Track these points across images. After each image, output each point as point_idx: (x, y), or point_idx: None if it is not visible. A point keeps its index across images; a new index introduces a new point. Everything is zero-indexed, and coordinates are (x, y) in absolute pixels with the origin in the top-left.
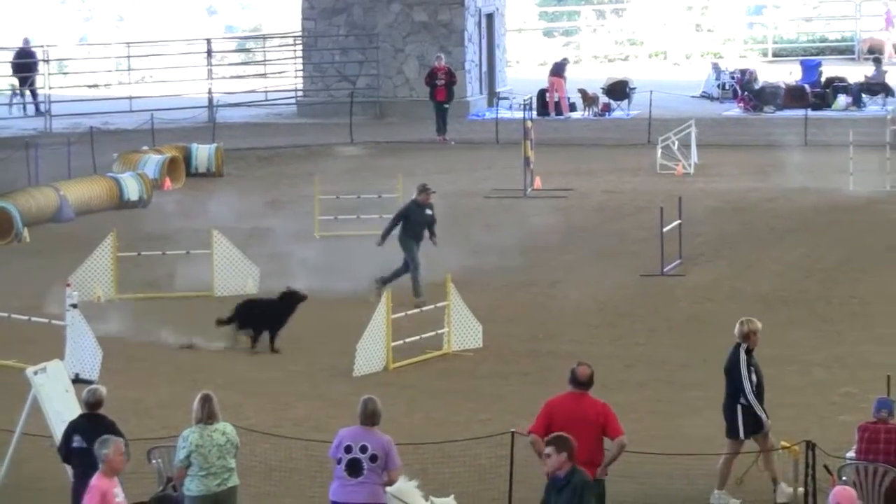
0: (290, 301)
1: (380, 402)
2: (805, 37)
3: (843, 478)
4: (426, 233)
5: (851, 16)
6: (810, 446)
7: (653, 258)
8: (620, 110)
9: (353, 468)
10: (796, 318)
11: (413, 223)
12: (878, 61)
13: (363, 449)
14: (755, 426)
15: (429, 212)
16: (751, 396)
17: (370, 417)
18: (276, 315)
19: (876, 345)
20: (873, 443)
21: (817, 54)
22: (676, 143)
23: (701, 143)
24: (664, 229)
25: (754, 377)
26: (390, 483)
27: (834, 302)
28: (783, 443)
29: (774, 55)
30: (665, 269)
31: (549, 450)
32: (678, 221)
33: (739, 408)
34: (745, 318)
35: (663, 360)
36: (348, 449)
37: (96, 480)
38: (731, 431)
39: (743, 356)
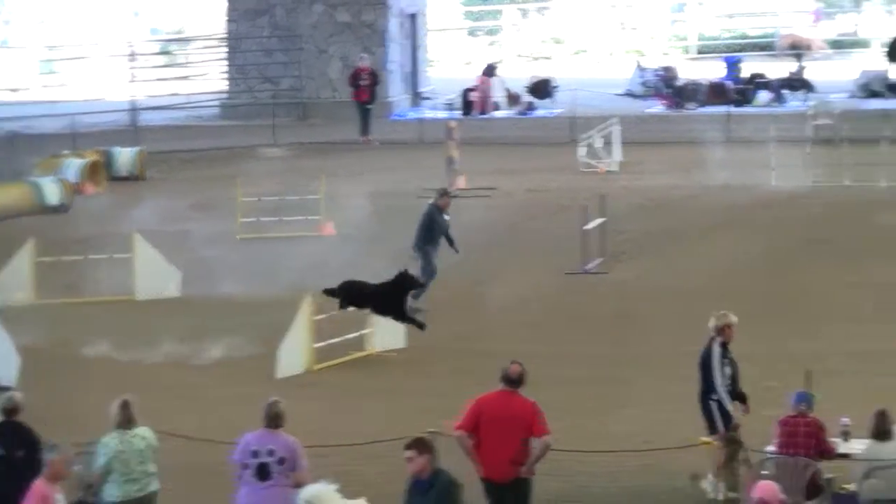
0: (402, 283)
1: (283, 404)
2: (727, 34)
3: (765, 472)
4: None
5: (773, 12)
6: (731, 442)
7: (577, 256)
8: (544, 109)
9: (262, 472)
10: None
11: (436, 230)
12: (799, 57)
13: (270, 452)
14: (730, 419)
15: (447, 217)
16: (720, 390)
17: (274, 420)
18: (384, 295)
19: (797, 339)
20: (792, 436)
21: (739, 51)
22: (600, 140)
23: (624, 141)
24: (587, 227)
25: (728, 370)
26: (297, 485)
27: (757, 297)
28: (703, 438)
29: (698, 52)
30: (589, 267)
31: (410, 453)
32: (602, 219)
33: (713, 404)
34: (720, 311)
35: (587, 357)
36: (255, 454)
37: (38, 484)
38: (712, 428)
39: (717, 349)
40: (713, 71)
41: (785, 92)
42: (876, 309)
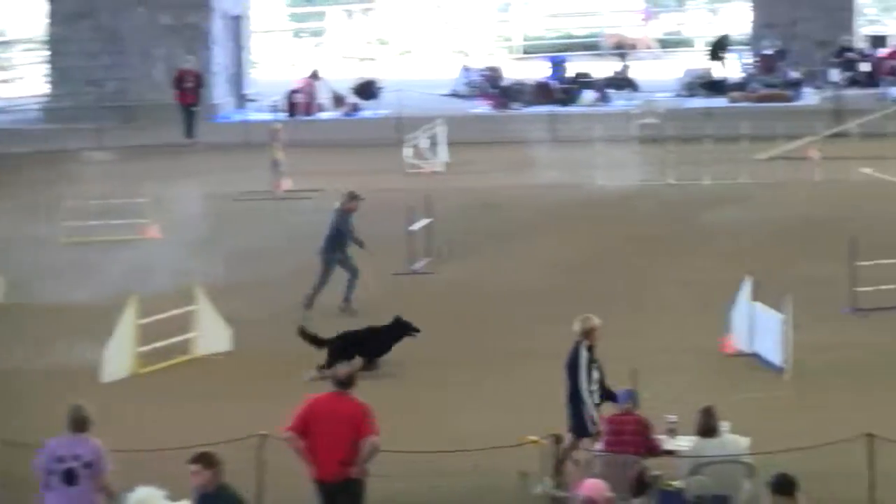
0: (399, 330)
1: (88, 408)
2: (552, 33)
3: (593, 469)
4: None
5: (598, 12)
6: (558, 439)
7: (403, 257)
8: (369, 110)
9: (69, 478)
10: (546, 312)
11: (346, 233)
12: (623, 56)
13: (76, 457)
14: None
15: (353, 220)
16: (584, 395)
17: (79, 424)
18: (377, 338)
19: (623, 337)
20: (619, 434)
21: (564, 51)
22: (426, 141)
23: (450, 142)
24: (414, 228)
25: (595, 374)
26: (101, 489)
27: (582, 296)
28: (530, 437)
29: (523, 52)
30: (416, 268)
31: (195, 467)
32: (428, 220)
33: (583, 406)
34: (584, 315)
35: (416, 357)
36: (61, 459)
37: None
38: (579, 429)
39: (584, 353)
40: (538, 71)
41: (610, 91)
42: (701, 306)
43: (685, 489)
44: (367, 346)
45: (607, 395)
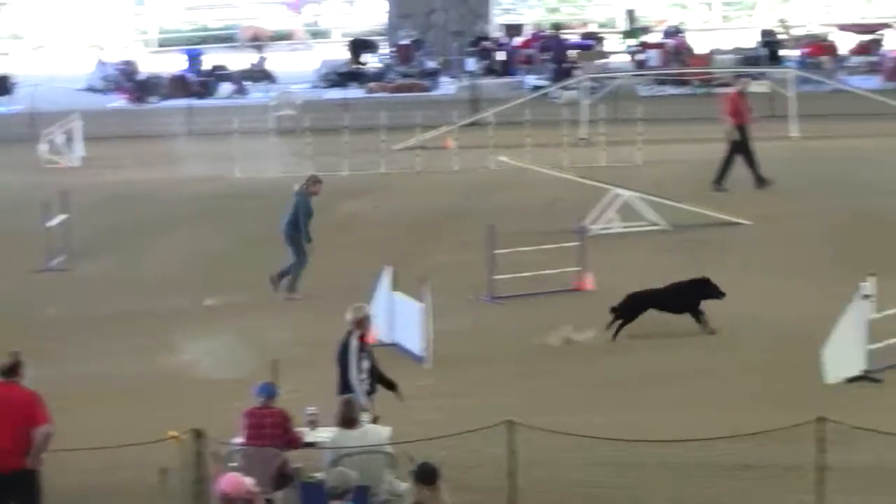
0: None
1: None
2: (188, 26)
3: (233, 464)
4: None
5: (234, 4)
6: (198, 434)
7: (39, 254)
8: (3, 106)
9: None
10: (182, 305)
11: (306, 216)
12: (259, 48)
13: None
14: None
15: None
16: (354, 382)
17: None
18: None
19: (257, 330)
20: (259, 427)
21: (201, 43)
22: (62, 136)
23: (87, 136)
24: (49, 224)
25: (366, 363)
26: None
27: (222, 287)
28: (170, 432)
29: (159, 45)
30: (51, 265)
31: None
32: (64, 216)
33: (354, 395)
34: (357, 304)
35: (69, 357)
36: None
37: None
38: None
39: (354, 343)
40: (175, 64)
41: (247, 84)
42: (342, 297)
43: (327, 480)
44: (668, 300)
45: (385, 382)
